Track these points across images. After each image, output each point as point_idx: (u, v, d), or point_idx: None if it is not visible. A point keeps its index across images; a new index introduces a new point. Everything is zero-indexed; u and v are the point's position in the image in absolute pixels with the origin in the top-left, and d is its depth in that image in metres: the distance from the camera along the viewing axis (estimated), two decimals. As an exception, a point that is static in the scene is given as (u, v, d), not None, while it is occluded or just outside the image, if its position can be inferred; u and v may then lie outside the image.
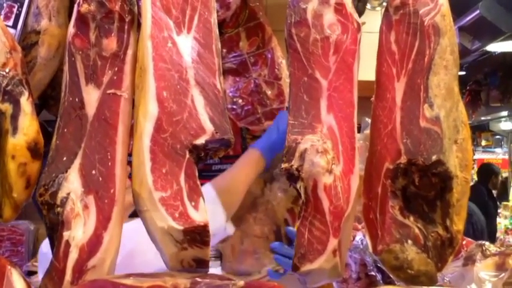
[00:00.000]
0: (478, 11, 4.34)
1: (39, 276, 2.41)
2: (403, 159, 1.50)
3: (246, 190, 2.14)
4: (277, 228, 2.22)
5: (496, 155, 13.18)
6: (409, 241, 1.48)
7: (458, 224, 1.52)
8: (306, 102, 1.55)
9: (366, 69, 1.69)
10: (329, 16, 1.60)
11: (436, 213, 1.51)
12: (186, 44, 1.53)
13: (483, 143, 13.27)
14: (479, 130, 13.19)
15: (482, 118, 10.79)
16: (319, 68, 1.57)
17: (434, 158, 1.47)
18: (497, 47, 5.80)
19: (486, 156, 12.55)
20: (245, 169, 2.12)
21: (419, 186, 1.50)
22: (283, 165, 1.49)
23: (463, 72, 8.06)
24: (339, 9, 1.60)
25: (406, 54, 1.58)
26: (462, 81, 8.69)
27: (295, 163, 1.48)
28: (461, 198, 1.52)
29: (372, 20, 1.85)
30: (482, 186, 8.44)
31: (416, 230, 1.50)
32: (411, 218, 1.51)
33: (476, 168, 12.04)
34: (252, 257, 2.23)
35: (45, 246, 2.36)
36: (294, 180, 1.49)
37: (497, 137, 13.40)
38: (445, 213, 1.50)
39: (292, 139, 1.51)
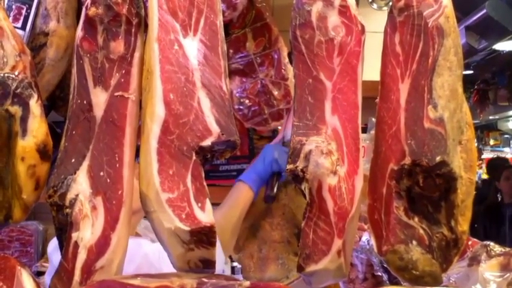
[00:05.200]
0: (484, 10, 4.33)
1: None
2: (408, 160, 1.51)
3: (240, 225, 2.16)
4: (299, 230, 2.21)
5: (505, 155, 13.11)
6: (414, 242, 1.49)
7: (463, 224, 1.53)
8: (311, 104, 1.56)
9: (374, 69, 1.70)
10: (333, 18, 1.61)
11: (440, 214, 1.51)
12: (192, 47, 1.55)
13: (491, 142, 13.23)
14: (487, 129, 13.15)
15: (490, 117, 10.76)
16: (324, 69, 1.58)
17: (438, 159, 1.48)
18: (504, 46, 5.78)
19: (494, 156, 12.49)
20: (236, 206, 2.16)
21: (424, 187, 1.51)
22: (288, 167, 1.51)
23: (471, 72, 8.03)
24: (343, 11, 1.61)
25: (410, 55, 1.59)
26: (470, 81, 8.67)
27: (300, 164, 1.49)
28: (466, 198, 1.53)
29: (379, 20, 1.86)
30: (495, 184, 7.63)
31: (421, 231, 1.50)
32: (416, 219, 1.52)
33: (484, 168, 11.98)
34: (276, 263, 2.22)
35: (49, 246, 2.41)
36: (298, 181, 1.50)
37: (506, 136, 13.35)
38: (450, 214, 1.51)
39: (297, 140, 1.52)
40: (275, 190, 2.15)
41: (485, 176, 11.65)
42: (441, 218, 1.51)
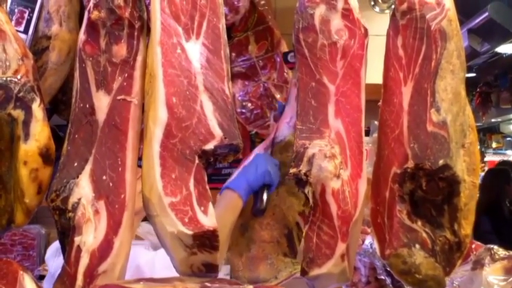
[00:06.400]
0: (487, 13, 4.33)
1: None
2: (410, 164, 1.51)
3: (230, 234, 2.13)
4: (288, 231, 2.20)
5: (508, 157, 13.08)
6: (417, 245, 1.49)
7: (466, 228, 1.52)
8: (314, 107, 1.56)
9: (377, 72, 1.70)
10: (336, 21, 1.61)
11: (443, 218, 1.51)
12: (195, 50, 1.55)
13: (494, 145, 13.19)
14: (489, 132, 13.12)
15: (493, 120, 10.74)
16: (327, 73, 1.58)
17: (441, 162, 1.48)
18: (507, 48, 5.78)
19: (497, 159, 12.44)
20: (226, 215, 2.06)
21: (427, 191, 1.51)
22: (292, 170, 1.50)
23: (473, 74, 8.02)
24: (346, 14, 1.61)
25: (413, 58, 1.59)
26: (472, 83, 8.64)
27: (303, 168, 1.49)
28: (469, 202, 1.52)
29: (381, 23, 1.86)
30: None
31: (424, 234, 1.50)
32: (419, 223, 1.52)
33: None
34: (265, 262, 2.21)
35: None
36: (302, 185, 1.50)
37: (508, 139, 13.32)
38: (453, 217, 1.50)
39: (300, 144, 1.52)
40: (264, 203, 2.11)
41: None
42: (444, 222, 1.51)
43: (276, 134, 2.22)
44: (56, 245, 2.54)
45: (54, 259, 2.46)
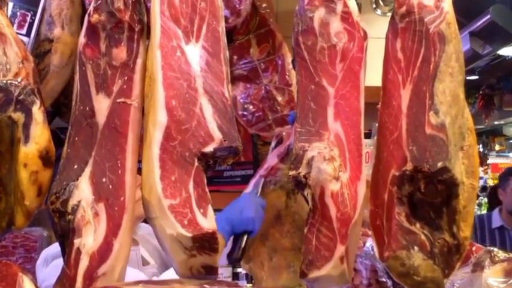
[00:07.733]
0: (488, 16, 4.33)
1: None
2: (409, 166, 1.51)
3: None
4: None
5: (510, 160, 13.04)
6: (416, 247, 1.49)
7: (465, 230, 1.52)
8: (313, 110, 1.57)
9: (379, 75, 1.70)
10: (336, 24, 1.61)
11: (442, 220, 1.51)
12: (195, 53, 1.55)
13: (496, 147, 13.16)
14: (492, 135, 13.10)
15: (496, 122, 10.72)
16: (326, 75, 1.59)
17: (439, 165, 1.48)
18: (509, 51, 5.77)
19: (500, 161, 12.42)
20: None
21: (426, 193, 1.51)
22: (291, 173, 1.51)
23: (476, 77, 8.01)
24: (346, 17, 1.62)
25: (411, 61, 1.59)
26: (475, 86, 8.63)
27: (302, 170, 1.50)
28: (468, 204, 1.52)
29: (382, 26, 1.86)
30: None
31: (423, 237, 1.50)
32: (417, 225, 1.52)
33: (490, 174, 11.88)
34: (287, 271, 2.20)
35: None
36: (301, 187, 1.51)
37: (511, 141, 13.30)
38: (452, 219, 1.51)
39: (300, 146, 1.52)
40: (240, 252, 2.07)
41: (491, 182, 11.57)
42: (443, 224, 1.51)
43: (291, 141, 2.22)
44: (45, 253, 2.53)
45: (42, 269, 2.45)
